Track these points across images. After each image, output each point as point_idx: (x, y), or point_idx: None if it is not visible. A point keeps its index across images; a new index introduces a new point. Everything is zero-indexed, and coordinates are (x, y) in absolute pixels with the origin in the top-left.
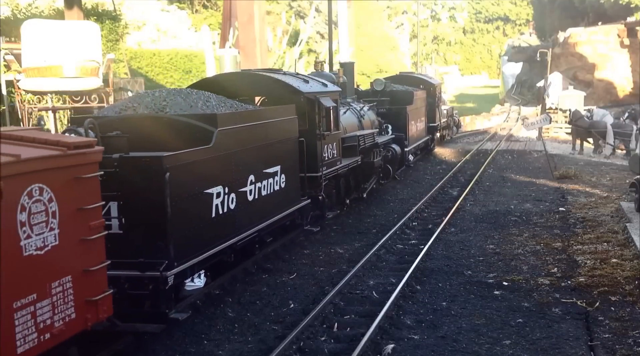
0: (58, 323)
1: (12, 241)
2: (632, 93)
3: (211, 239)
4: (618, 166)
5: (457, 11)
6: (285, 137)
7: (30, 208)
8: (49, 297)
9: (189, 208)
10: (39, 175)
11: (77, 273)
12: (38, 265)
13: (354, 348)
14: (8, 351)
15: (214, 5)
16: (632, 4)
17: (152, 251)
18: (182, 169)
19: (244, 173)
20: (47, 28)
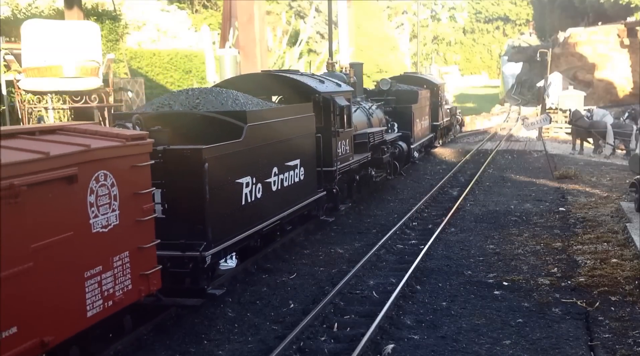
0: (118, 292)
1: (84, 219)
2: (632, 93)
3: (242, 224)
4: (618, 166)
5: (457, 11)
6: (304, 133)
7: (97, 191)
8: (112, 269)
9: (223, 196)
10: (104, 163)
11: (133, 250)
12: (103, 241)
13: (354, 348)
14: (80, 314)
15: (214, 5)
16: (632, 4)
17: (192, 234)
18: (218, 160)
19: (269, 165)
20: (47, 28)
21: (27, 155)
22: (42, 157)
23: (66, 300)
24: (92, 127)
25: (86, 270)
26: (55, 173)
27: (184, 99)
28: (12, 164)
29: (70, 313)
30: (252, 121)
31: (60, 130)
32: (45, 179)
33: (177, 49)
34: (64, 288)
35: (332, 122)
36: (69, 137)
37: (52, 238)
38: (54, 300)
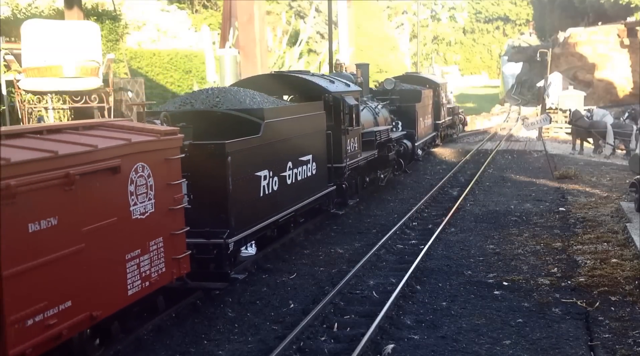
0: (154, 274)
1: (125, 207)
2: (632, 93)
3: (260, 214)
4: (618, 166)
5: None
6: (316, 131)
7: (136, 181)
8: (148, 253)
9: (244, 187)
10: (142, 155)
11: (166, 235)
12: (141, 227)
13: (354, 348)
14: (122, 293)
15: (214, 5)
16: (632, 4)
17: (216, 222)
18: (239, 155)
19: (284, 160)
20: (47, 28)
21: (78, 148)
22: (91, 149)
23: (111, 279)
24: (130, 123)
25: (127, 253)
26: (102, 164)
27: (205, 97)
28: (67, 156)
29: (114, 291)
30: (269, 118)
31: (101, 126)
32: (94, 170)
33: (177, 49)
34: (109, 268)
35: (342, 121)
36: (110, 132)
37: (99, 222)
38: (101, 279)
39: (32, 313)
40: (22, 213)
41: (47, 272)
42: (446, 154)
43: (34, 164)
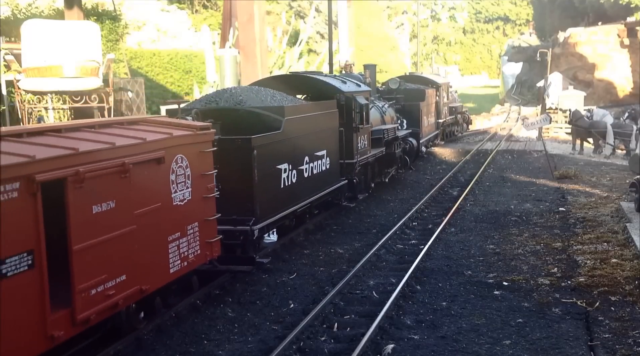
0: (191, 255)
1: (167, 194)
2: (632, 93)
3: (281, 204)
4: (618, 166)
5: (457, 11)
6: (329, 128)
7: (177, 171)
8: (186, 236)
9: (267, 179)
10: (181, 148)
11: (201, 221)
12: (181, 212)
13: (354, 348)
14: (165, 270)
15: (214, 5)
16: (632, 4)
17: (242, 210)
18: (263, 148)
19: (302, 154)
20: (47, 28)
21: (129, 140)
22: (141, 142)
23: (156, 257)
24: (168, 119)
25: (169, 235)
26: (149, 155)
27: (228, 96)
28: (122, 147)
29: (159, 269)
30: (289, 115)
31: (143, 121)
32: (144, 160)
33: (177, 49)
34: (155, 248)
35: (353, 119)
36: (152, 126)
37: (147, 207)
38: (148, 257)
39: (95, 284)
40: (87, 196)
41: (107, 249)
42: (446, 154)
43: (96, 153)
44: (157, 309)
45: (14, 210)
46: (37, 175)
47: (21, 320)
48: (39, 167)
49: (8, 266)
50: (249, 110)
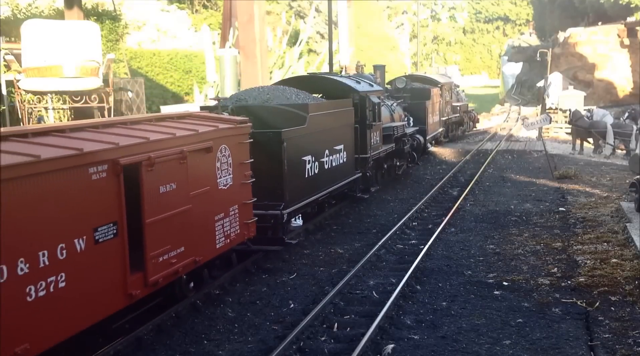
0: (232, 234)
1: (214, 179)
2: (632, 93)
3: (305, 192)
4: (618, 166)
5: (457, 11)
6: (346, 124)
7: (221, 159)
8: (229, 216)
9: (294, 169)
10: (225, 139)
11: (240, 204)
12: (224, 195)
13: (354, 348)
14: (212, 245)
15: (214, 5)
16: (632, 4)
17: (273, 197)
18: (291, 141)
19: (323, 147)
20: (47, 28)
21: (185, 131)
22: (195, 133)
23: (206, 234)
24: (211, 114)
25: (216, 215)
26: (201, 145)
27: (257, 94)
28: (181, 137)
29: (208, 244)
30: (312, 112)
31: (190, 116)
32: (197, 148)
33: (177, 49)
34: (205, 225)
35: (367, 117)
36: (199, 120)
37: (200, 189)
38: (200, 233)
39: (162, 253)
40: (156, 178)
41: (170, 223)
42: (446, 154)
43: (162, 142)
44: (205, 280)
45: (102, 188)
46: (121, 159)
47: (109, 280)
48: (122, 152)
49: (99, 233)
50: (277, 107)
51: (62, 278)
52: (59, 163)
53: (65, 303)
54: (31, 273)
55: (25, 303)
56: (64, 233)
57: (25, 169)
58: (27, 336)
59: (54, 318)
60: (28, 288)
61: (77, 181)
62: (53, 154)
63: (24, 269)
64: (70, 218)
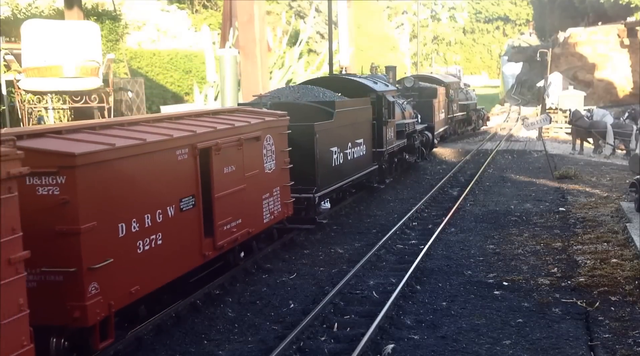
0: (275, 211)
1: (261, 164)
2: (632, 93)
3: (332, 179)
4: (618, 166)
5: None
6: (365, 120)
7: (267, 147)
8: (272, 196)
9: (324, 158)
10: (269, 130)
11: (281, 186)
12: (269, 178)
13: (354, 348)
14: (260, 220)
15: (214, 5)
16: (632, 4)
17: (306, 181)
18: (322, 133)
19: (346, 140)
20: (47, 28)
21: (240, 123)
22: (248, 124)
23: (256, 210)
24: (256, 109)
25: (263, 194)
26: (253, 134)
27: (288, 92)
28: (238, 127)
29: (257, 218)
30: (338, 108)
31: (238, 111)
32: (250, 137)
33: (177, 49)
34: (255, 203)
35: (383, 114)
36: (248, 114)
37: (252, 172)
38: (252, 209)
39: (226, 223)
40: (221, 161)
41: (231, 199)
42: (446, 154)
43: (226, 131)
44: (253, 250)
45: (185, 167)
46: (198, 144)
47: (189, 242)
48: (198, 138)
49: (183, 203)
50: (308, 104)
51: (159, 236)
52: (158, 145)
53: (162, 257)
54: (140, 231)
55: (136, 254)
56: (161, 201)
57: (137, 149)
58: (137, 281)
59: (155, 268)
60: (138, 242)
61: (169, 160)
62: (153, 139)
63: (136, 228)
64: (165, 189)
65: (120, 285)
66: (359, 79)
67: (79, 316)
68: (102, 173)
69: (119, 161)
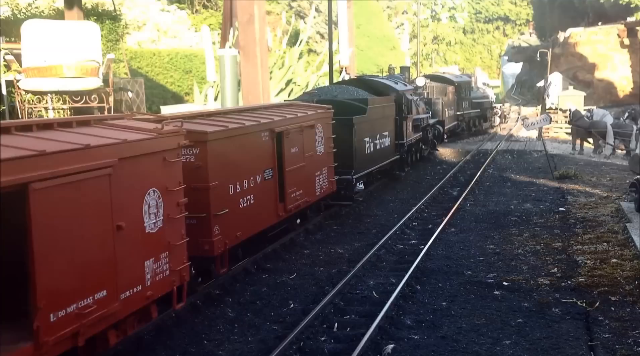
0: (324, 187)
1: (315, 147)
2: (632, 93)
3: (365, 165)
4: (618, 166)
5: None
6: (390, 115)
7: (318, 133)
8: (322, 174)
9: (359, 146)
10: (320, 120)
11: (328, 166)
12: (320, 159)
13: (354, 348)
14: (314, 193)
15: (214, 5)
16: (632, 4)
17: (345, 165)
18: (358, 125)
19: (376, 132)
20: (47, 28)
21: (301, 113)
22: (306, 114)
23: (311, 184)
24: (307, 103)
25: (316, 172)
26: (309, 122)
27: (326, 91)
28: (301, 116)
29: (312, 191)
30: (370, 105)
31: (292, 105)
32: (307, 125)
33: (177, 49)
34: (310, 179)
35: (403, 110)
36: (302, 108)
37: (308, 153)
38: (309, 182)
39: (293, 192)
40: (290, 143)
41: (296, 173)
42: (446, 154)
43: (293, 119)
44: (308, 217)
45: (266, 146)
46: (275, 128)
47: (269, 204)
48: (275, 124)
49: (266, 174)
50: (344, 101)
51: (252, 198)
52: (252, 128)
53: (253, 213)
54: (241, 191)
55: (239, 209)
56: (253, 170)
57: (241, 130)
58: (240, 228)
59: (249, 220)
60: (240, 199)
61: (257, 140)
62: (249, 123)
63: (238, 189)
64: (255, 162)
65: (231, 230)
66: (383, 80)
67: (207, 248)
68: (220, 147)
69: (230, 139)
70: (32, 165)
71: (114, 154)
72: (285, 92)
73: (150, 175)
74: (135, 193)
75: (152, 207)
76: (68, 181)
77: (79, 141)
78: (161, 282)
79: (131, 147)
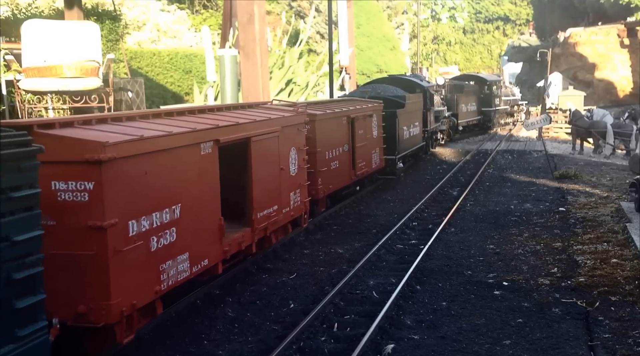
0: (377, 162)
1: (370, 133)
2: (632, 93)
3: (404, 148)
4: (618, 166)
5: (457, 11)
6: (419, 108)
7: (374, 121)
8: (376, 152)
9: (400, 133)
10: (375, 111)
11: (379, 147)
12: (374, 142)
13: (354, 348)
14: (371, 165)
15: (214, 6)
16: (632, 4)
17: (391, 150)
18: (400, 116)
19: (410, 122)
20: (47, 28)
21: (364, 106)
22: (367, 107)
23: (370, 158)
24: (364, 99)
25: (372, 150)
26: (369, 112)
27: (371, 89)
28: (364, 108)
29: (371, 164)
30: (407, 100)
31: (351, 100)
32: (367, 114)
33: (177, 49)
34: (369, 154)
35: (428, 104)
36: (361, 102)
37: (369, 135)
38: (368, 157)
39: (360, 162)
40: (359, 126)
41: (361, 149)
42: (446, 154)
43: (361, 110)
44: (364, 185)
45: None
46: (351, 115)
47: (347, 169)
48: (350, 113)
49: (345, 147)
50: (386, 97)
51: (337, 162)
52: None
53: (338, 173)
54: (332, 157)
55: (331, 169)
56: (338, 143)
57: (333, 114)
58: (331, 182)
59: (335, 178)
60: (332, 163)
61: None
62: (337, 110)
63: (331, 155)
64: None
65: (327, 182)
66: (412, 78)
67: (315, 194)
68: (323, 124)
69: (327, 120)
70: (251, 127)
71: (279, 124)
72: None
73: (292, 138)
74: (287, 148)
75: (293, 159)
76: (264, 138)
77: (265, 115)
78: (297, 208)
79: (287, 120)
